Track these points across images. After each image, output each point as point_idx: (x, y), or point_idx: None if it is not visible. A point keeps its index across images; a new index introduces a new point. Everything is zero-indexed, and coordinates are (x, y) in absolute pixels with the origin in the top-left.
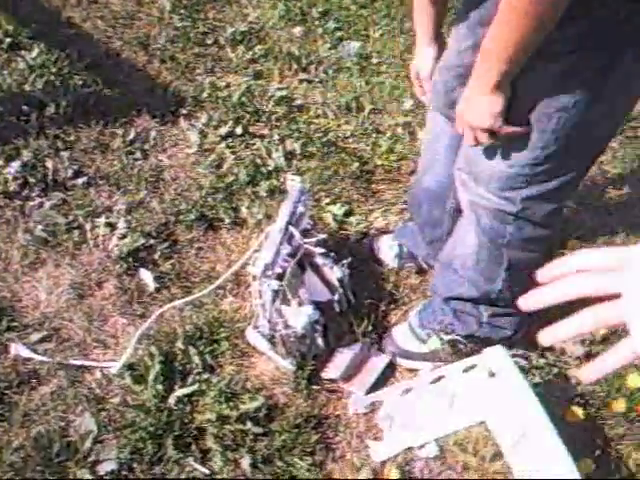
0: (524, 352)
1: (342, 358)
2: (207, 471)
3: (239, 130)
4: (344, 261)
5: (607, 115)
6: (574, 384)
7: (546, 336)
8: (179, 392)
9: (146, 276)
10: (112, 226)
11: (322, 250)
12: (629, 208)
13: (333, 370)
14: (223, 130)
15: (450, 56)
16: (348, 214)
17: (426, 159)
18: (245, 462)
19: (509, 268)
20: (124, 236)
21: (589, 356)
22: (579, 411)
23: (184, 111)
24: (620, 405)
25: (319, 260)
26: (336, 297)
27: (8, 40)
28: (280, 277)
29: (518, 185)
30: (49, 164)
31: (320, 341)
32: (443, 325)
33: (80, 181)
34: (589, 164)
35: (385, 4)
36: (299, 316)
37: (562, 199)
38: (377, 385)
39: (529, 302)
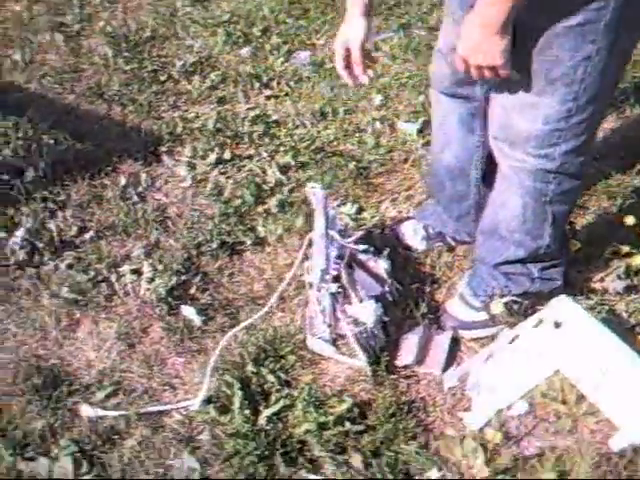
0: (573, 297)
1: (410, 343)
2: (321, 477)
3: (227, 155)
4: (384, 252)
5: (622, 58)
6: (625, 317)
7: None
8: (267, 412)
9: (189, 312)
10: (137, 272)
11: (363, 246)
12: None
13: (406, 356)
14: (211, 158)
15: (448, 34)
16: (360, 211)
17: (440, 138)
18: (356, 460)
19: (553, 222)
20: (152, 279)
21: (629, 288)
22: None
23: (164, 149)
24: None
25: (362, 256)
26: (387, 288)
27: None
28: (336, 279)
29: (554, 141)
30: (51, 226)
31: (382, 333)
32: (498, 288)
33: (87, 236)
34: (606, 111)
35: (319, 11)
36: (367, 312)
37: (590, 149)
38: (448, 361)
39: None
